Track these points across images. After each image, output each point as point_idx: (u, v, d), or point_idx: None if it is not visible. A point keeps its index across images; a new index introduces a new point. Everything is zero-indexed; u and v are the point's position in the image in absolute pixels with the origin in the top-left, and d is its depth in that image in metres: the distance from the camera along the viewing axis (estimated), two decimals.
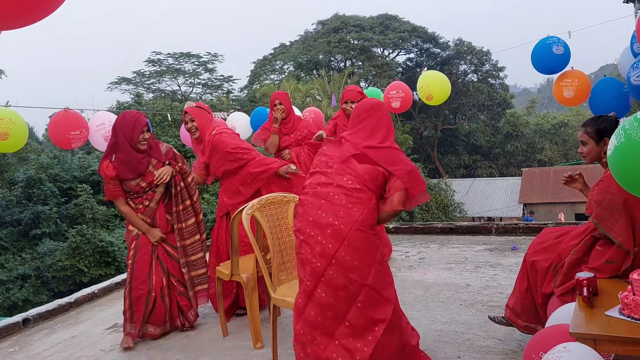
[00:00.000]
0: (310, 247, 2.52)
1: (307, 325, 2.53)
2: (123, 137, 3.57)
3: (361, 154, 2.63)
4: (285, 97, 5.02)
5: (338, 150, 2.70)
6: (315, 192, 2.61)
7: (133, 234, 3.71)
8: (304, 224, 2.58)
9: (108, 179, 3.58)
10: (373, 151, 2.63)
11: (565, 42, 4.62)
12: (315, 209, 2.55)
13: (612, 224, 2.49)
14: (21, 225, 14.46)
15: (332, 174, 2.61)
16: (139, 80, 33.15)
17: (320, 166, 2.72)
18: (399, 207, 2.61)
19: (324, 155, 2.76)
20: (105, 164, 3.57)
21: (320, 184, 2.62)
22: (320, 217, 2.53)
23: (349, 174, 2.58)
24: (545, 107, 60.55)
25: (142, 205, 3.68)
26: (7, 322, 4.32)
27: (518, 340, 3.17)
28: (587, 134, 2.79)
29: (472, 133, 37.96)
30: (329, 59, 36.89)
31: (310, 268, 2.51)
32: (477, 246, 5.84)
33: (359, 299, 2.47)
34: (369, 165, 2.59)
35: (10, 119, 4.16)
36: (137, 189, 3.64)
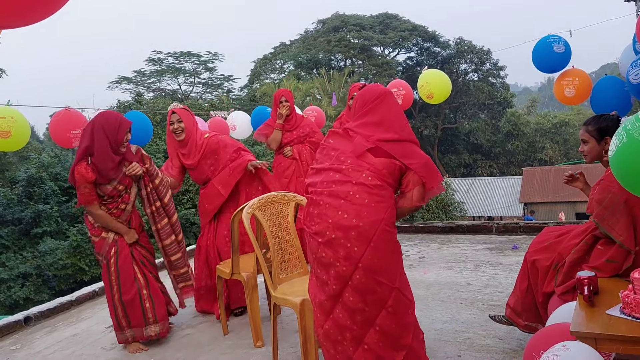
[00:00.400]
0: (334, 250, 2.37)
1: (337, 326, 2.43)
2: (105, 138, 3.37)
3: (376, 147, 2.46)
4: (290, 95, 5.12)
5: (349, 144, 2.52)
6: (331, 192, 2.43)
7: (109, 241, 3.52)
8: (324, 226, 2.40)
9: (85, 183, 3.35)
10: (389, 145, 2.47)
11: (566, 40, 4.62)
12: (335, 210, 2.39)
13: (614, 223, 2.49)
14: (22, 224, 14.48)
15: (349, 170, 2.44)
16: (139, 79, 33.15)
17: (329, 161, 2.53)
18: (419, 203, 2.51)
19: (331, 149, 2.57)
20: (82, 166, 3.33)
21: (335, 182, 2.44)
22: (341, 218, 2.36)
23: (367, 169, 2.41)
24: (546, 106, 60.51)
25: (118, 209, 3.53)
26: (9, 321, 4.32)
27: (518, 339, 3.17)
28: (588, 133, 2.78)
29: (473, 132, 37.95)
30: (329, 58, 36.88)
31: (335, 272, 2.38)
32: (478, 245, 5.84)
33: (388, 303, 2.37)
34: (386, 158, 2.44)
35: (12, 118, 4.17)
36: (114, 192, 3.48)
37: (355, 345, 2.40)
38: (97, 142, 3.36)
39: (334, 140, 2.61)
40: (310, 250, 2.53)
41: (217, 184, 4.03)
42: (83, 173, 3.33)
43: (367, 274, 2.34)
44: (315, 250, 2.45)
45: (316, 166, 2.61)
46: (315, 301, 2.52)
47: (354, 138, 2.53)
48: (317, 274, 2.50)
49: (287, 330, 3.67)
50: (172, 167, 4.11)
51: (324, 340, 2.50)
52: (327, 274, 2.41)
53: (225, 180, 4.01)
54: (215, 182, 4.03)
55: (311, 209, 2.51)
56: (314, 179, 2.56)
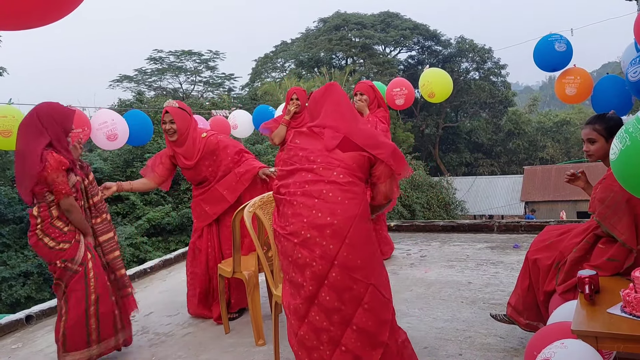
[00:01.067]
0: (309, 249, 2.36)
1: (312, 330, 2.39)
2: (57, 126, 3.07)
3: (343, 140, 2.49)
4: (302, 93, 5.15)
5: (318, 142, 2.53)
6: (304, 191, 2.43)
7: (82, 243, 3.17)
8: (298, 226, 2.39)
9: (62, 171, 3.00)
10: (356, 133, 2.51)
11: (568, 39, 4.61)
12: (309, 209, 2.39)
13: (615, 222, 2.50)
14: (23, 223, 14.48)
15: (320, 169, 2.45)
16: (140, 78, 33.15)
17: (298, 162, 2.53)
18: (393, 195, 2.58)
19: (299, 149, 2.56)
20: (54, 153, 2.99)
21: (308, 182, 2.45)
22: (316, 217, 2.37)
23: (338, 166, 2.43)
24: (547, 105, 60.49)
25: (81, 207, 3.22)
26: (10, 319, 4.33)
27: (520, 338, 3.17)
28: (597, 132, 2.73)
29: (474, 131, 37.92)
30: (331, 56, 36.85)
31: (310, 272, 2.36)
32: (479, 244, 5.84)
33: (364, 300, 2.35)
34: (354, 152, 2.46)
35: (13, 117, 4.17)
36: (78, 185, 3.19)
37: (333, 347, 2.37)
38: (51, 131, 3.05)
39: (301, 140, 2.61)
40: (283, 254, 2.49)
41: (221, 189, 3.92)
42: (59, 159, 2.98)
43: (342, 272, 2.34)
44: (291, 252, 2.43)
45: (286, 168, 2.59)
46: (289, 308, 2.48)
47: (321, 134, 2.55)
48: (292, 277, 2.45)
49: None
50: (161, 165, 3.96)
51: (298, 348, 2.46)
52: (303, 276, 2.39)
53: (232, 186, 3.91)
54: (219, 187, 3.92)
55: (285, 210, 2.49)
56: (285, 180, 2.56)
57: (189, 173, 3.99)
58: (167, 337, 3.81)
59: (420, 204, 18.28)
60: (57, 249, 3.08)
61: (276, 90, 23.29)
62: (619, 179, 2.08)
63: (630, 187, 2.05)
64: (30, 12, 1.35)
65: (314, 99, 2.72)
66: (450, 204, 20.87)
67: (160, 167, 3.97)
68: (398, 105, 5.93)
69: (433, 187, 20.17)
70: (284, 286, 2.56)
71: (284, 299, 2.54)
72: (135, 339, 3.84)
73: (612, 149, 2.07)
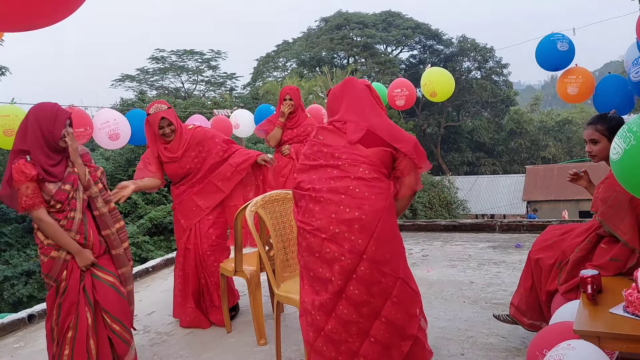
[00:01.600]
0: (337, 244, 2.39)
1: (340, 324, 2.41)
2: (38, 131, 2.77)
3: (365, 135, 2.52)
4: (296, 92, 5.07)
5: (341, 138, 2.57)
6: (331, 188, 2.46)
7: (60, 261, 2.81)
8: (326, 221, 2.42)
9: (26, 182, 2.69)
10: (378, 126, 2.54)
11: (570, 38, 4.61)
12: (336, 205, 2.42)
13: (618, 222, 2.49)
14: (26, 222, 14.51)
15: (345, 165, 2.48)
16: (142, 77, 33.20)
17: (323, 158, 2.56)
18: (417, 187, 2.62)
19: (323, 145, 2.60)
20: (21, 162, 2.70)
21: (333, 178, 2.48)
22: (344, 212, 2.40)
23: (363, 163, 2.48)
24: (549, 104, 60.40)
25: (67, 219, 2.80)
26: (12, 318, 4.34)
27: (522, 338, 3.17)
28: (599, 132, 2.72)
29: (476, 130, 37.89)
30: (332, 56, 36.86)
31: (339, 266, 2.38)
32: (481, 243, 5.84)
33: (393, 293, 2.39)
34: (377, 147, 2.51)
35: (16, 116, 4.17)
36: (60, 196, 2.77)
37: (362, 339, 2.40)
38: (30, 136, 2.77)
39: (324, 136, 2.63)
40: (308, 250, 2.50)
41: (216, 181, 3.90)
42: (21, 169, 2.70)
43: (371, 265, 2.37)
44: (318, 248, 2.45)
45: (309, 162, 2.61)
46: (313, 305, 2.48)
47: (343, 130, 2.58)
48: (318, 273, 2.46)
49: (290, 328, 3.67)
50: (151, 163, 3.89)
51: (324, 343, 2.46)
52: (331, 270, 2.41)
53: (227, 177, 3.90)
54: (213, 179, 3.90)
55: (310, 206, 2.50)
56: (309, 176, 2.57)
57: (173, 167, 3.87)
58: (168, 337, 3.82)
59: (422, 203, 18.27)
60: (41, 259, 2.87)
61: (278, 90, 23.28)
62: (620, 178, 2.04)
63: (632, 187, 2.01)
64: (33, 14, 1.35)
65: (333, 94, 2.75)
66: (452, 203, 20.85)
67: (151, 165, 3.90)
68: (399, 106, 5.93)
69: (435, 187, 20.16)
70: (304, 285, 2.57)
71: (304, 297, 2.55)
72: (137, 338, 3.84)
73: (613, 148, 2.03)
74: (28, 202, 2.73)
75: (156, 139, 3.85)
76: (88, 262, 2.85)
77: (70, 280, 2.82)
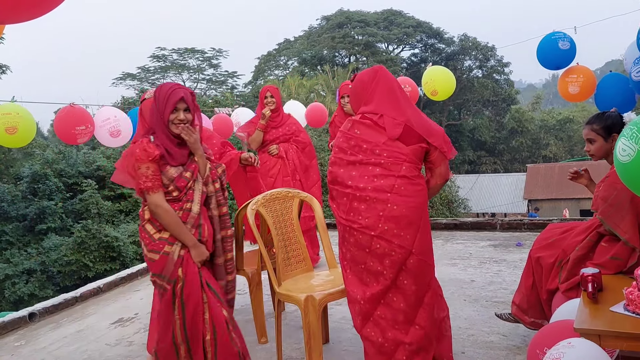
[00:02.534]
0: (387, 241, 2.49)
1: (390, 311, 2.53)
2: (156, 111, 2.59)
3: (404, 130, 2.57)
4: (276, 91, 4.97)
5: (379, 134, 2.60)
6: (375, 186, 2.53)
7: (174, 257, 2.48)
8: (374, 220, 2.51)
9: (147, 162, 2.47)
10: (415, 120, 2.60)
11: (571, 37, 4.60)
12: (383, 204, 2.51)
13: (619, 221, 2.49)
14: (27, 220, 14.53)
15: (388, 164, 2.55)
16: (143, 75, 33.24)
17: (363, 154, 2.60)
18: (448, 176, 2.74)
19: (362, 141, 2.61)
20: (145, 141, 2.50)
21: (377, 176, 2.54)
22: (392, 210, 2.49)
23: (404, 161, 2.55)
24: (550, 103, 60.29)
25: (183, 211, 2.54)
26: (13, 317, 4.35)
27: (522, 336, 3.17)
28: (595, 131, 2.73)
29: (477, 129, 37.86)
30: (333, 54, 36.86)
31: (390, 260, 2.50)
32: (482, 242, 5.84)
33: (432, 282, 2.58)
34: (414, 145, 2.58)
35: (18, 113, 4.18)
36: (181, 182, 2.53)
37: (407, 326, 2.52)
38: (153, 115, 2.61)
39: (361, 131, 2.64)
40: (357, 246, 2.57)
41: None
42: (145, 147, 2.48)
43: (418, 258, 2.51)
44: (368, 244, 2.53)
45: (346, 157, 2.64)
46: (363, 296, 2.56)
47: (382, 125, 2.60)
48: (369, 266, 2.56)
49: (290, 326, 3.68)
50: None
51: (372, 329, 2.57)
52: (382, 264, 2.52)
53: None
54: None
55: (355, 204, 2.57)
56: (347, 172, 2.62)
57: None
58: None
59: None
60: (148, 257, 2.53)
61: (279, 88, 23.28)
62: (628, 181, 1.98)
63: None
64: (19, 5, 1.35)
65: (362, 82, 2.74)
66: (453, 202, 20.84)
67: None
68: None
69: None
70: (348, 275, 2.66)
71: (351, 288, 2.64)
72: (138, 336, 3.85)
73: (623, 149, 1.94)
74: (147, 183, 2.49)
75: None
76: (204, 257, 2.58)
77: (188, 275, 2.50)
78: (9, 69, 18.45)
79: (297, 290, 2.94)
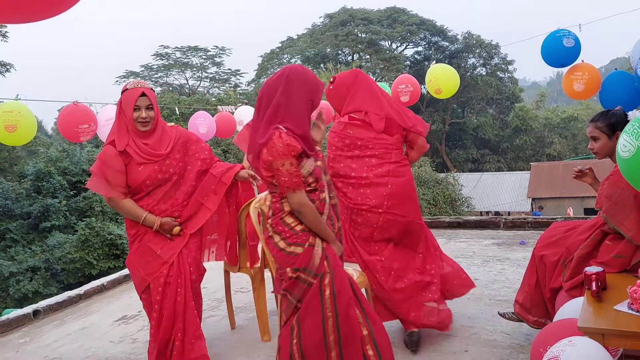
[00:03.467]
0: (392, 214, 3.10)
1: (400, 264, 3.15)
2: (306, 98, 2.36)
3: (386, 123, 3.14)
4: None
5: (368, 131, 3.14)
6: (376, 173, 3.11)
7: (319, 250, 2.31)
8: (380, 200, 3.09)
9: (290, 157, 2.22)
10: (392, 112, 3.18)
11: (576, 34, 4.57)
12: (384, 185, 3.10)
13: (623, 219, 2.48)
14: (31, 218, 14.59)
15: (382, 154, 3.14)
16: (146, 74, 33.27)
17: (359, 149, 3.15)
18: (426, 147, 3.33)
19: (356, 139, 3.16)
20: (283, 134, 2.23)
21: (375, 166, 3.12)
22: (391, 189, 3.10)
23: (393, 150, 3.15)
24: (554, 101, 60.12)
25: (320, 201, 2.36)
26: (18, 314, 4.37)
27: (526, 335, 3.16)
28: (599, 129, 2.72)
29: (481, 127, 37.76)
30: (337, 52, 36.81)
31: (396, 229, 3.13)
32: (485, 240, 5.83)
33: (422, 234, 3.25)
34: (397, 135, 3.17)
35: (19, 112, 4.18)
36: (317, 172, 2.34)
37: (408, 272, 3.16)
38: (296, 101, 2.32)
39: (353, 130, 3.17)
40: (366, 223, 3.13)
41: (199, 198, 3.15)
42: (288, 141, 2.21)
43: (414, 222, 3.18)
44: (376, 220, 3.11)
45: (343, 154, 3.19)
46: (378, 264, 3.12)
47: (368, 121, 3.14)
48: (377, 238, 3.15)
49: None
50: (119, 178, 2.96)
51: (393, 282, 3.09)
52: (390, 233, 3.15)
53: (212, 190, 3.20)
54: (196, 197, 3.15)
55: (362, 190, 3.13)
56: (347, 165, 3.16)
57: (149, 170, 2.96)
58: None
59: (426, 200, 18.24)
60: (288, 251, 2.31)
61: None
62: (629, 176, 2.01)
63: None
64: (31, 5, 1.35)
65: (344, 84, 3.24)
66: (456, 200, 20.80)
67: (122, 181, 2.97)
68: (403, 102, 5.90)
69: (439, 184, 20.12)
70: (357, 249, 3.19)
71: (362, 257, 3.16)
72: (141, 334, 3.86)
73: (624, 145, 1.98)
74: (295, 181, 2.25)
75: (127, 129, 2.96)
76: (341, 252, 2.44)
77: (335, 269, 2.31)
78: (12, 67, 18.51)
79: None
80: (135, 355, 3.50)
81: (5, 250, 13.88)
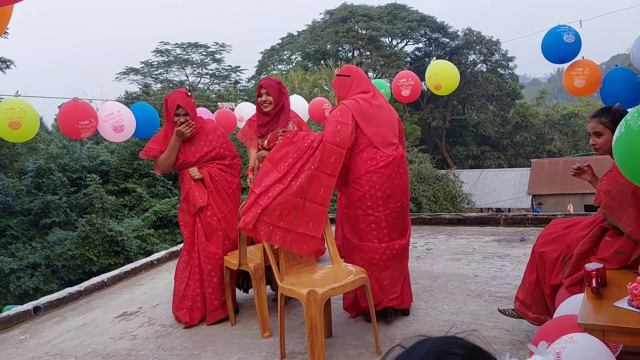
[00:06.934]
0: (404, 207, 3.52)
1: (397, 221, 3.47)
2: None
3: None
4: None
5: (389, 116, 3.56)
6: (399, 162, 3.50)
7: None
8: (392, 189, 3.42)
9: None
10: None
11: (576, 30, 4.56)
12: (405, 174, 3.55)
13: (621, 214, 2.48)
14: (31, 215, 14.58)
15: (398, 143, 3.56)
16: (147, 70, 33.22)
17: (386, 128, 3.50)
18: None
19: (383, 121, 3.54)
20: None
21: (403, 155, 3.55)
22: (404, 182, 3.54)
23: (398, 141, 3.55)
24: (555, 98, 60.01)
25: None
26: (18, 310, 4.37)
27: (526, 331, 3.16)
28: (603, 124, 2.70)
29: (481, 124, 37.74)
30: (337, 49, 36.73)
31: (393, 202, 3.42)
32: (485, 237, 5.83)
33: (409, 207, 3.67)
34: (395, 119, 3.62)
35: (21, 109, 4.18)
36: None
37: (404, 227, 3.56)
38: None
39: (380, 112, 3.51)
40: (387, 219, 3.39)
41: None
42: None
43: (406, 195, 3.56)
44: (399, 214, 3.45)
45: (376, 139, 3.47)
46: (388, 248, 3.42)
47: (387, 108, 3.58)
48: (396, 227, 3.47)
49: (293, 321, 3.68)
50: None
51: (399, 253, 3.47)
52: (394, 204, 3.43)
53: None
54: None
55: (380, 180, 3.39)
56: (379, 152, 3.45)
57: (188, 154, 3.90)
58: (173, 329, 3.83)
59: (426, 196, 18.25)
60: None
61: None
62: (618, 165, 2.14)
63: (626, 173, 2.09)
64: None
65: (350, 72, 3.64)
66: (456, 197, 20.80)
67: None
68: (404, 97, 5.89)
69: (440, 180, 20.11)
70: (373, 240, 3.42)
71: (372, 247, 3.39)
72: (142, 330, 3.87)
73: (614, 137, 2.12)
74: None
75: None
76: None
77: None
78: (13, 64, 18.48)
79: (300, 284, 2.94)
80: (136, 352, 3.50)
81: (5, 246, 13.88)
